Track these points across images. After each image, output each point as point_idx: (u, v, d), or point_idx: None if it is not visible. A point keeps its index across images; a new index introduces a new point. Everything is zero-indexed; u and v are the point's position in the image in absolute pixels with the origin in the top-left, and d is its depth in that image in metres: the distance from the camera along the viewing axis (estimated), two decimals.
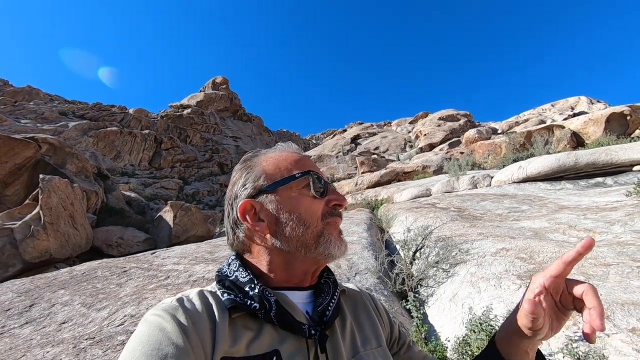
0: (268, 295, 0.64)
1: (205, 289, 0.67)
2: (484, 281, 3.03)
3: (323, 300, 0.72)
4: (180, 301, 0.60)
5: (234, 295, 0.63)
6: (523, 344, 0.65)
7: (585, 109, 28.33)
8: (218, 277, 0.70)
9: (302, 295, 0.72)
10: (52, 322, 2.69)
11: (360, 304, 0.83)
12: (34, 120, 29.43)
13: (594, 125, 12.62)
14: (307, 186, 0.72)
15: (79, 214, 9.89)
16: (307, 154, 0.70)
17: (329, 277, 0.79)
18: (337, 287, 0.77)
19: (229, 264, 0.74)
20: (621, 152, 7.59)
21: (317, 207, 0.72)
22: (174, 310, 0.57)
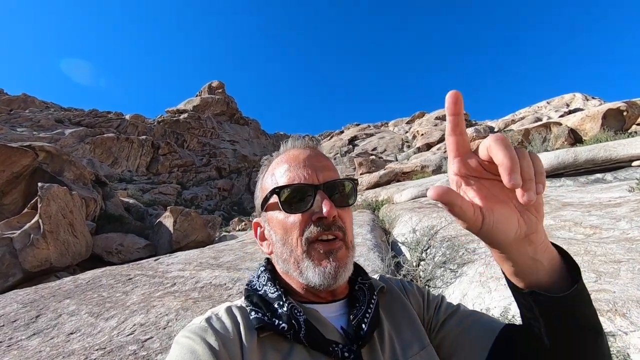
0: (297, 314, 0.61)
1: (234, 305, 0.67)
2: (493, 281, 3.02)
3: (358, 312, 0.66)
4: (209, 321, 0.60)
5: (262, 314, 0.61)
6: (510, 253, 0.48)
7: (581, 105, 28.53)
8: (247, 292, 0.68)
9: (335, 308, 0.68)
10: (60, 332, 2.65)
11: (396, 299, 0.75)
12: (30, 128, 29.27)
13: (590, 122, 12.69)
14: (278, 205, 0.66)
15: (79, 222, 9.82)
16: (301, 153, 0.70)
17: (364, 281, 0.73)
18: (374, 293, 0.71)
19: (258, 275, 0.72)
20: (620, 147, 7.64)
21: (292, 225, 0.65)
22: (203, 332, 0.57)
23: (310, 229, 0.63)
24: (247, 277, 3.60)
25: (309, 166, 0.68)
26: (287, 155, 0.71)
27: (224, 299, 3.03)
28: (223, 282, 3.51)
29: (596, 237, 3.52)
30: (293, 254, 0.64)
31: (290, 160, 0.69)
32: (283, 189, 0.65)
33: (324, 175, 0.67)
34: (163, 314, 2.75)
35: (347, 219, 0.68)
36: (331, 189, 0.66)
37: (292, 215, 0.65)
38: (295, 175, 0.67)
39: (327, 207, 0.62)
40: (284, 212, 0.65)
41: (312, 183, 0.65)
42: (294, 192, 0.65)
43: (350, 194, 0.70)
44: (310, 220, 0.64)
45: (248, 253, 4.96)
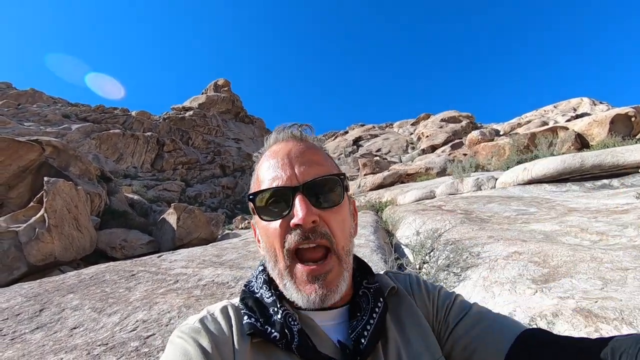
0: (291, 323, 0.57)
1: (232, 304, 0.64)
2: (497, 285, 3.00)
3: (358, 323, 0.60)
4: (203, 322, 0.58)
5: (255, 319, 0.58)
6: None
7: (588, 110, 28.28)
8: (243, 293, 0.66)
9: (333, 316, 0.62)
10: (63, 327, 2.67)
11: (403, 303, 0.68)
12: (37, 122, 29.54)
13: (598, 127, 12.58)
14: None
15: (83, 217, 9.89)
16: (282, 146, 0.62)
17: (369, 285, 0.66)
18: (380, 300, 0.64)
19: (256, 276, 0.69)
20: (627, 153, 7.55)
21: (273, 231, 0.59)
22: (196, 334, 0.56)
23: (289, 240, 0.57)
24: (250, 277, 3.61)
25: (289, 164, 0.61)
26: (270, 151, 0.66)
27: (227, 297, 3.03)
28: (226, 281, 3.51)
29: (603, 243, 3.49)
30: (277, 265, 0.60)
31: (271, 157, 0.64)
32: (257, 194, 0.60)
33: (306, 172, 0.60)
34: (165, 311, 2.75)
35: (335, 222, 0.60)
36: (313, 189, 0.59)
37: (272, 222, 0.59)
38: (273, 175, 0.61)
39: (301, 213, 0.55)
40: (263, 219, 0.61)
41: (289, 185, 0.59)
42: (271, 197, 0.60)
43: (337, 193, 0.61)
44: (289, 227, 0.57)
45: (251, 252, 4.96)
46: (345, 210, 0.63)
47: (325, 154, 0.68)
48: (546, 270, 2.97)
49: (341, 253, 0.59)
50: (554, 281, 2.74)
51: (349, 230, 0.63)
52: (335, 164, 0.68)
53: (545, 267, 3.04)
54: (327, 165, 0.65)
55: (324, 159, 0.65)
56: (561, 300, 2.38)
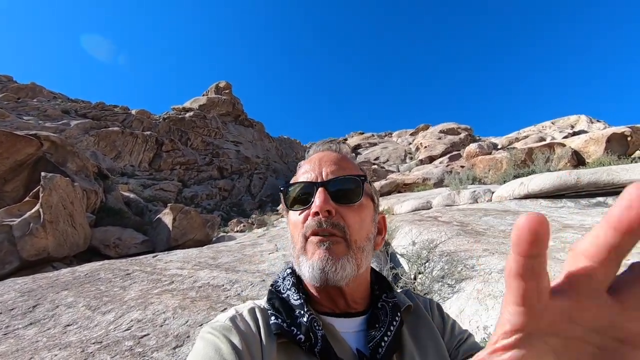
0: (316, 328, 0.59)
1: (258, 305, 0.67)
2: (491, 299, 3.03)
3: (377, 333, 0.62)
4: (234, 321, 0.61)
5: (282, 319, 0.61)
6: None
7: (585, 127, 28.59)
8: (270, 294, 0.68)
9: (353, 324, 0.65)
10: (57, 324, 2.66)
11: (423, 321, 0.71)
12: (36, 117, 29.44)
13: (594, 145, 12.72)
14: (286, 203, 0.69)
15: (79, 213, 9.84)
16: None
17: (387, 300, 0.69)
18: (398, 313, 0.66)
19: (284, 277, 0.71)
20: (622, 172, 7.64)
21: (297, 221, 0.66)
22: (228, 332, 0.58)
23: (307, 225, 0.63)
24: (245, 281, 3.61)
25: (319, 166, 0.69)
26: (309, 159, 0.73)
27: (222, 300, 3.03)
28: (221, 283, 3.52)
29: None
30: (295, 248, 0.65)
31: (307, 163, 0.72)
32: (287, 187, 0.68)
33: (331, 172, 0.67)
34: (160, 311, 2.75)
35: (352, 218, 0.64)
36: (334, 186, 0.65)
37: (296, 213, 0.66)
38: (305, 176, 0.68)
39: (317, 202, 0.62)
40: (289, 209, 0.68)
41: (314, 181, 0.66)
42: (297, 191, 0.67)
43: (355, 192, 0.67)
44: (308, 217, 0.64)
45: (246, 255, 4.96)
46: (365, 212, 0.68)
47: (355, 164, 0.75)
48: None
49: (352, 244, 0.63)
50: None
51: (366, 232, 0.67)
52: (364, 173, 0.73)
53: None
54: (354, 171, 0.71)
55: (352, 166, 0.72)
56: None
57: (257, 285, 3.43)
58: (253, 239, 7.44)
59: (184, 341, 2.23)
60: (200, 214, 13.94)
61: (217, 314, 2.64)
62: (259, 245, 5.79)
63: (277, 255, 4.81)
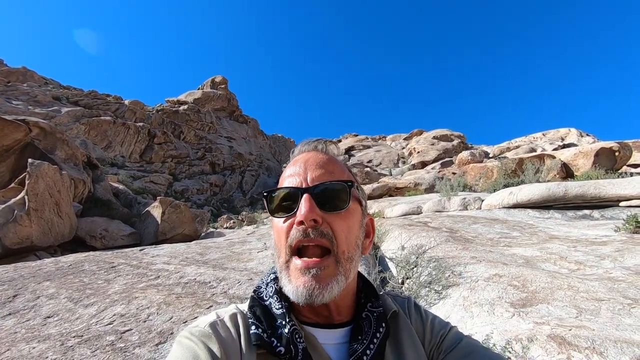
0: (297, 340, 0.58)
1: (240, 311, 0.65)
2: (476, 306, 3.05)
3: (359, 346, 0.61)
4: (213, 327, 0.59)
5: (262, 330, 0.59)
6: None
7: (575, 141, 29.11)
8: (252, 301, 0.66)
9: (335, 335, 0.64)
10: (37, 315, 2.60)
11: (403, 327, 0.70)
12: (26, 102, 28.85)
13: (583, 158, 12.95)
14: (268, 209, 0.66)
15: (65, 203, 9.66)
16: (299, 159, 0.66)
17: (373, 309, 0.67)
18: (382, 325, 0.65)
19: (267, 283, 0.69)
20: (609, 187, 7.79)
21: (281, 229, 0.62)
22: (206, 338, 0.57)
23: (292, 235, 0.60)
24: (232, 279, 3.58)
25: (304, 169, 0.65)
26: (294, 159, 0.70)
27: (208, 297, 3.00)
28: (208, 280, 3.48)
29: (580, 273, 3.58)
30: (279, 259, 0.63)
31: (292, 165, 0.68)
32: (270, 193, 0.65)
33: (317, 178, 0.63)
34: (144, 306, 2.71)
35: (339, 226, 0.61)
36: (321, 193, 0.62)
37: (280, 220, 0.63)
38: (289, 180, 0.65)
39: (303, 210, 0.59)
40: (273, 215, 0.64)
41: (299, 186, 0.63)
42: (281, 197, 0.64)
43: (342, 198, 0.64)
44: (293, 225, 0.61)
45: (235, 252, 4.93)
46: (352, 218, 0.65)
47: (344, 165, 0.72)
48: (524, 295, 3.03)
49: (340, 257, 0.61)
50: (531, 306, 2.80)
51: (354, 239, 0.64)
52: (352, 175, 0.71)
53: (524, 291, 3.11)
54: (341, 174, 0.67)
55: (340, 170, 0.68)
56: (537, 325, 2.44)
57: (244, 283, 3.40)
58: (242, 236, 7.39)
59: (168, 338, 2.19)
60: (190, 209, 13.81)
61: (202, 311, 2.62)
62: (248, 242, 5.75)
63: (266, 254, 4.78)
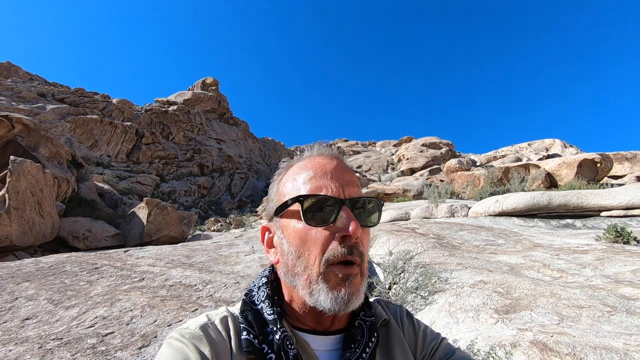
0: (288, 347, 0.57)
1: (232, 314, 0.64)
2: (462, 312, 3.08)
3: (351, 355, 0.61)
4: (204, 330, 0.58)
5: (253, 335, 0.58)
6: None
7: (559, 151, 29.85)
8: (243, 305, 0.65)
9: (328, 342, 0.64)
10: (15, 317, 2.52)
11: (394, 334, 0.70)
12: (9, 98, 28.10)
13: (567, 169, 13.28)
14: (299, 213, 0.60)
15: (48, 202, 9.42)
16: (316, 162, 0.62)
17: (365, 318, 0.67)
18: (374, 335, 0.65)
19: (259, 286, 0.68)
20: (591, 197, 8.01)
21: (314, 239, 0.59)
22: (197, 340, 0.56)
23: (333, 249, 0.58)
24: (219, 282, 3.54)
25: (336, 178, 0.62)
26: (313, 161, 0.66)
27: (193, 301, 2.96)
28: (194, 283, 3.44)
29: (562, 280, 3.66)
30: (307, 270, 0.59)
31: (316, 168, 0.64)
32: (308, 198, 0.60)
33: (350, 191, 0.62)
34: (128, 309, 2.66)
35: (366, 243, 0.63)
36: (359, 208, 0.62)
37: (314, 229, 0.59)
38: (321, 185, 0.61)
39: (353, 226, 0.57)
40: (305, 223, 0.59)
41: (338, 197, 0.60)
42: (319, 204, 0.60)
43: (374, 215, 0.65)
44: (332, 238, 0.58)
45: (222, 256, 4.87)
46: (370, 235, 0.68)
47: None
48: (508, 302, 3.08)
49: (364, 272, 0.62)
50: (514, 312, 2.85)
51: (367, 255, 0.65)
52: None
53: (508, 298, 3.16)
54: (361, 189, 0.68)
55: (359, 184, 0.68)
56: (520, 331, 2.48)
57: (230, 287, 3.37)
58: (230, 239, 7.32)
59: (151, 341, 2.15)
60: (177, 210, 13.61)
61: (187, 314, 2.58)
62: (235, 246, 5.70)
63: (254, 257, 4.75)
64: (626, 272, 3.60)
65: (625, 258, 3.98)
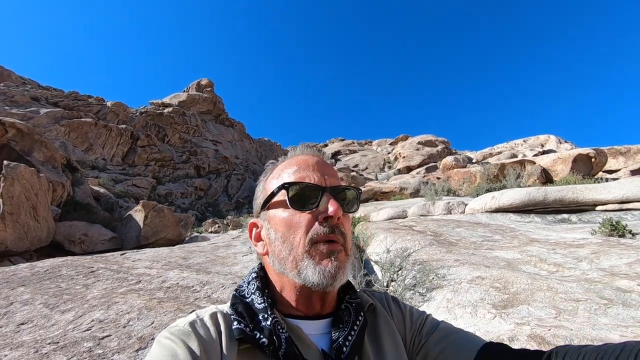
0: (279, 331, 0.60)
1: (220, 310, 0.66)
2: (460, 308, 3.09)
3: (341, 334, 0.65)
4: (193, 325, 0.60)
5: (244, 324, 0.60)
6: None
7: (554, 147, 30.01)
8: (233, 298, 0.67)
9: (319, 326, 0.67)
10: (10, 322, 2.50)
11: (380, 319, 0.74)
12: (2, 102, 27.88)
13: (562, 164, 13.36)
14: (285, 200, 0.66)
15: (43, 206, 9.35)
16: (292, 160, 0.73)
17: (351, 300, 0.72)
18: (360, 314, 0.69)
19: (248, 281, 0.71)
20: (586, 191, 8.06)
21: (299, 223, 0.64)
22: (186, 336, 0.57)
23: (315, 229, 0.63)
24: (216, 282, 3.52)
25: (318, 170, 0.69)
26: (296, 159, 0.73)
27: (191, 302, 2.95)
28: (191, 284, 3.42)
29: (559, 274, 3.68)
30: (293, 252, 0.63)
31: (300, 163, 0.71)
32: (292, 185, 0.66)
33: (331, 180, 0.69)
34: (124, 311, 2.64)
35: (348, 226, 0.68)
36: (340, 194, 0.68)
37: (297, 214, 0.65)
38: (304, 175, 0.68)
39: (333, 207, 0.63)
40: (291, 208, 0.65)
41: (320, 184, 0.66)
42: (302, 190, 0.66)
43: (353, 202, 0.72)
44: (315, 220, 0.64)
45: (219, 257, 4.86)
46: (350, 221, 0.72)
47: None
48: (506, 297, 3.09)
49: (348, 251, 0.67)
50: (512, 307, 2.86)
51: (350, 238, 0.71)
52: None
53: (506, 293, 3.17)
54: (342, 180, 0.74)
55: (339, 176, 0.74)
56: (518, 326, 2.49)
57: (228, 287, 3.35)
58: (227, 240, 7.30)
59: (148, 343, 2.14)
60: (174, 213, 13.55)
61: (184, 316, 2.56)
62: (233, 246, 5.68)
63: (251, 258, 4.73)
64: (622, 264, 3.62)
65: (621, 251, 4.00)
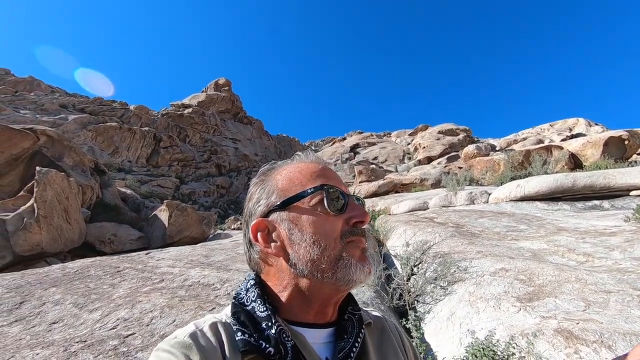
0: (285, 339, 0.58)
1: (220, 320, 0.64)
2: (482, 301, 3.01)
3: (345, 344, 0.64)
4: (193, 337, 0.58)
5: (249, 334, 0.58)
6: None
7: (583, 131, 28.63)
8: (234, 307, 0.65)
9: (322, 335, 0.66)
10: (43, 321, 2.63)
11: (387, 337, 0.75)
12: (33, 111, 29.28)
13: (592, 148, 12.73)
14: (321, 202, 0.65)
15: (74, 209, 9.78)
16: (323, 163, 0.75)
17: (353, 312, 0.71)
18: (363, 325, 0.69)
19: (247, 288, 0.68)
20: (619, 176, 7.65)
21: (333, 226, 0.64)
22: (187, 349, 0.55)
23: (349, 231, 0.65)
24: (236, 280, 3.58)
25: (336, 178, 0.71)
26: (310, 164, 0.73)
27: (211, 300, 3.00)
28: (211, 282, 3.49)
29: (588, 265, 3.51)
30: (327, 252, 0.63)
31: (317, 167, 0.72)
32: (331, 187, 0.67)
33: (345, 189, 0.71)
34: (148, 310, 2.72)
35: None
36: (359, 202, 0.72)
37: (332, 216, 0.65)
38: (331, 177, 0.70)
39: (364, 213, 0.68)
40: (328, 210, 0.65)
41: (346, 192, 0.69)
42: (337, 194, 0.67)
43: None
44: (346, 224, 0.66)
45: (240, 254, 4.93)
46: None
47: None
48: (531, 289, 2.98)
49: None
50: (538, 300, 2.75)
51: None
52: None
53: (531, 285, 3.06)
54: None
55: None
56: (543, 319, 2.39)
57: None
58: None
59: None
60: (197, 211, 13.89)
61: (205, 314, 2.61)
62: None
63: None
64: None
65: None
